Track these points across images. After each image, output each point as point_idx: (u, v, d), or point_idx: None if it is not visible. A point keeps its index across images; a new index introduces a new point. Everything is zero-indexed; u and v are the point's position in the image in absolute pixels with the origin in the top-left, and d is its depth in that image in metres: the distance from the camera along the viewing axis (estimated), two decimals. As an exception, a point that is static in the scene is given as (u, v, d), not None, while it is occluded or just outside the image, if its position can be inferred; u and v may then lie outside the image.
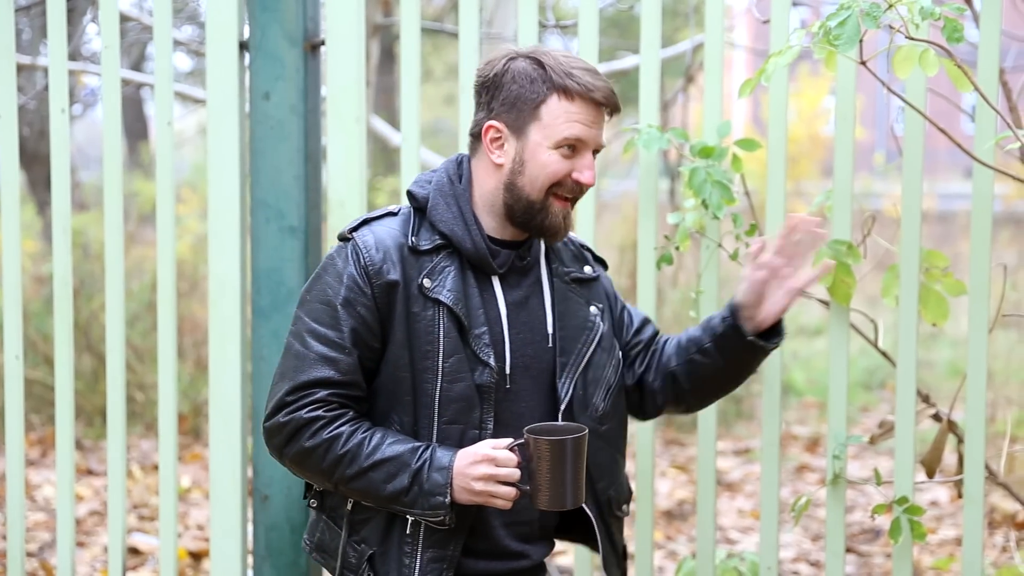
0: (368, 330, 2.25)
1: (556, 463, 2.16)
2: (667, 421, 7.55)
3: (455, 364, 2.25)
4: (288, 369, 2.27)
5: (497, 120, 2.29)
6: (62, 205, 3.47)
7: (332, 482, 2.26)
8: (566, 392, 2.34)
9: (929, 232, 12.00)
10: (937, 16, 2.46)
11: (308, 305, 2.29)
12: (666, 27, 9.24)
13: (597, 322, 2.42)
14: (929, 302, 3.00)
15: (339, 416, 2.24)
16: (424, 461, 2.21)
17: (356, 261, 2.26)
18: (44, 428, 7.04)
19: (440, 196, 2.33)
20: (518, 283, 2.36)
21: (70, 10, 4.06)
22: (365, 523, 2.31)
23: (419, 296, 2.25)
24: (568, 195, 2.30)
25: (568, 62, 2.27)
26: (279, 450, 2.28)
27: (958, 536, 5.38)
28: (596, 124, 2.28)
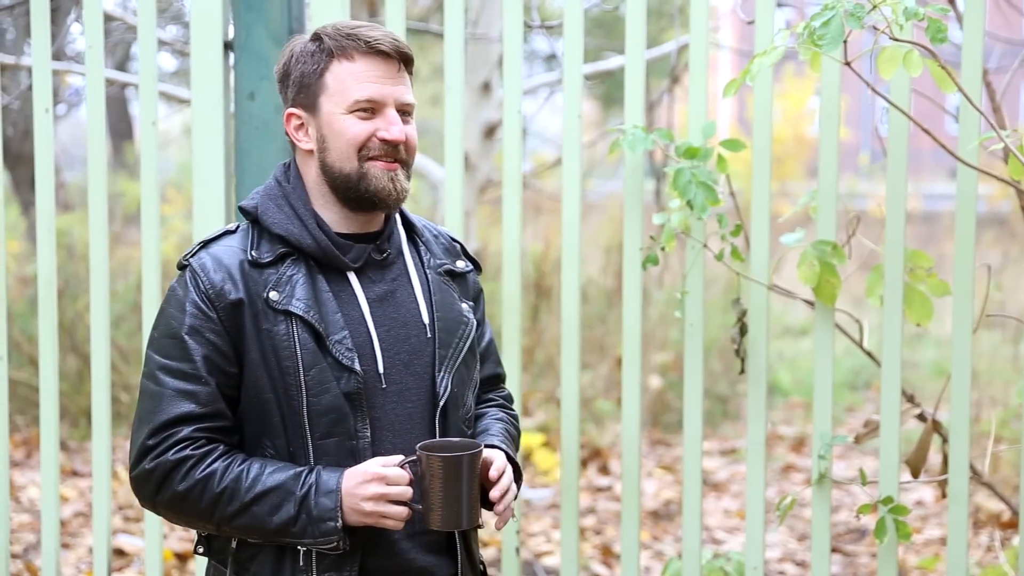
0: (221, 355, 2.12)
1: (450, 481, 2.06)
2: (653, 421, 7.56)
3: (317, 375, 2.12)
4: (145, 412, 2.12)
5: (294, 107, 2.22)
6: (46, 205, 3.46)
7: (214, 523, 2.11)
8: (445, 388, 2.21)
9: (913, 233, 12.04)
10: (921, 17, 2.47)
11: (156, 343, 2.15)
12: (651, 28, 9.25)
13: (470, 319, 2.30)
14: (914, 302, 3.01)
15: (209, 452, 2.10)
16: (310, 486, 2.08)
17: (196, 287, 2.13)
18: (29, 429, 7.02)
19: (269, 200, 2.21)
20: (380, 277, 2.23)
21: (54, 10, 4.05)
22: (252, 559, 2.16)
23: (267, 311, 2.12)
24: (383, 155, 2.17)
25: (346, 25, 2.18)
26: (151, 500, 2.12)
27: (943, 536, 5.40)
28: (389, 79, 2.16)
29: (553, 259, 8.08)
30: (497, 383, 2.46)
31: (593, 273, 8.65)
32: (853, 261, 3.13)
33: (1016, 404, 5.60)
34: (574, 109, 3.15)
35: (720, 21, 8.06)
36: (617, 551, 5.24)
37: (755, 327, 3.09)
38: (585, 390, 7.36)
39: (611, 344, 7.84)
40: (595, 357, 7.90)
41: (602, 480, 6.53)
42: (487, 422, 2.35)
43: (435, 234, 2.36)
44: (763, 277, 3.07)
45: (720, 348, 7.76)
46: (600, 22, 13.17)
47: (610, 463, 6.79)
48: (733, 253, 3.06)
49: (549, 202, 9.09)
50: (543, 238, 8.84)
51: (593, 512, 6.00)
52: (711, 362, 7.77)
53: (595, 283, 8.47)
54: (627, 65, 3.12)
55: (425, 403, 2.22)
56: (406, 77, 2.20)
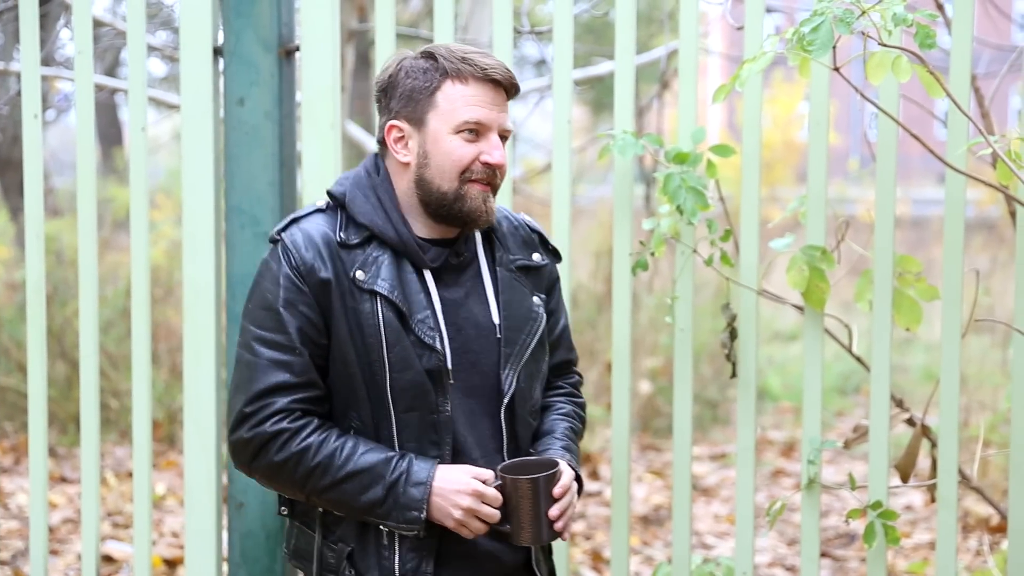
0: (313, 328, 2.22)
1: (537, 500, 2.18)
2: (643, 426, 7.56)
3: (400, 353, 2.22)
4: (242, 380, 2.24)
5: (397, 119, 2.27)
6: (35, 211, 3.45)
7: (304, 493, 2.24)
8: (509, 385, 2.31)
9: (902, 237, 12.06)
10: (910, 23, 2.48)
11: (251, 314, 2.26)
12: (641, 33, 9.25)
13: (540, 313, 2.38)
14: (903, 307, 3.01)
15: (305, 426, 2.22)
16: (401, 474, 2.20)
17: (288, 261, 2.24)
18: (17, 435, 7.00)
19: (358, 189, 2.30)
20: (454, 281, 2.32)
21: (43, 15, 4.04)
22: (339, 522, 2.29)
23: (354, 290, 2.23)
24: (481, 178, 2.25)
25: (460, 49, 2.25)
26: (247, 464, 2.26)
27: (932, 540, 5.40)
28: (496, 105, 2.25)
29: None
30: (568, 368, 2.55)
31: (583, 278, 8.65)
32: (842, 266, 3.13)
33: (1004, 409, 5.62)
34: (564, 114, 3.15)
35: (709, 26, 8.08)
36: (607, 556, 5.24)
37: (745, 332, 3.10)
38: (575, 395, 7.35)
39: (601, 349, 7.84)
40: (585, 362, 7.89)
41: (592, 485, 6.53)
42: (553, 419, 2.45)
43: (515, 225, 2.45)
44: (752, 282, 3.08)
45: (710, 353, 7.76)
46: (590, 28, 13.18)
47: (600, 468, 6.79)
48: (723, 258, 3.07)
49: (539, 207, 9.09)
50: (533, 243, 8.82)
51: (583, 517, 5.99)
52: (701, 367, 7.78)
53: (585, 288, 8.46)
54: (617, 70, 3.12)
55: (490, 399, 2.32)
56: (507, 105, 2.29)
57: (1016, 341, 2.93)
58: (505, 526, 2.21)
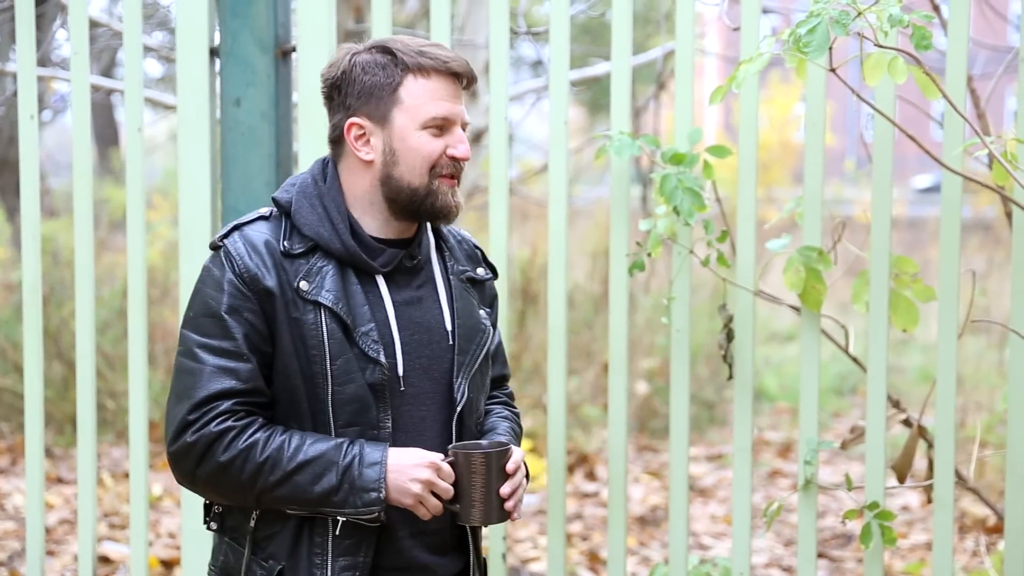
0: (259, 335, 2.16)
1: (488, 477, 2.15)
2: (640, 427, 7.56)
3: (343, 365, 2.17)
4: (185, 388, 2.15)
5: (357, 116, 2.21)
6: (31, 212, 3.45)
7: (255, 493, 2.15)
8: (462, 394, 2.26)
9: (899, 238, 12.07)
10: (906, 24, 2.48)
11: (192, 322, 2.19)
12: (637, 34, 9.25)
13: (487, 326, 2.35)
14: (899, 308, 3.02)
15: (250, 424, 2.15)
16: (353, 457, 2.13)
17: (232, 268, 2.17)
18: (14, 436, 7.00)
19: (304, 198, 2.23)
20: (408, 283, 2.27)
21: (39, 16, 4.04)
22: (271, 539, 2.21)
23: (297, 300, 2.17)
24: (449, 172, 2.22)
25: (415, 42, 2.22)
26: (190, 474, 2.16)
27: (929, 541, 5.41)
28: (457, 98, 2.22)
29: (540, 265, 8.08)
30: (502, 382, 2.52)
31: (580, 279, 8.65)
32: (839, 267, 3.13)
33: (1001, 409, 5.62)
34: (560, 115, 3.16)
35: (706, 27, 8.09)
36: (604, 557, 5.24)
37: (741, 333, 3.10)
38: (572, 396, 7.37)
39: (598, 350, 7.84)
40: (582, 363, 7.90)
41: (589, 486, 6.53)
42: (493, 420, 2.41)
43: (459, 239, 2.41)
44: (749, 283, 3.08)
45: (707, 354, 7.77)
46: (586, 28, 13.18)
47: (597, 469, 6.79)
48: (719, 259, 3.07)
49: (536, 208, 9.09)
50: (530, 244, 8.84)
51: (580, 518, 5.99)
52: (697, 368, 7.78)
53: (582, 289, 8.47)
54: (613, 71, 3.13)
55: (440, 407, 2.27)
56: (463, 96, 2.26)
57: (1012, 342, 2.93)
58: (455, 505, 2.17)
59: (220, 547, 2.29)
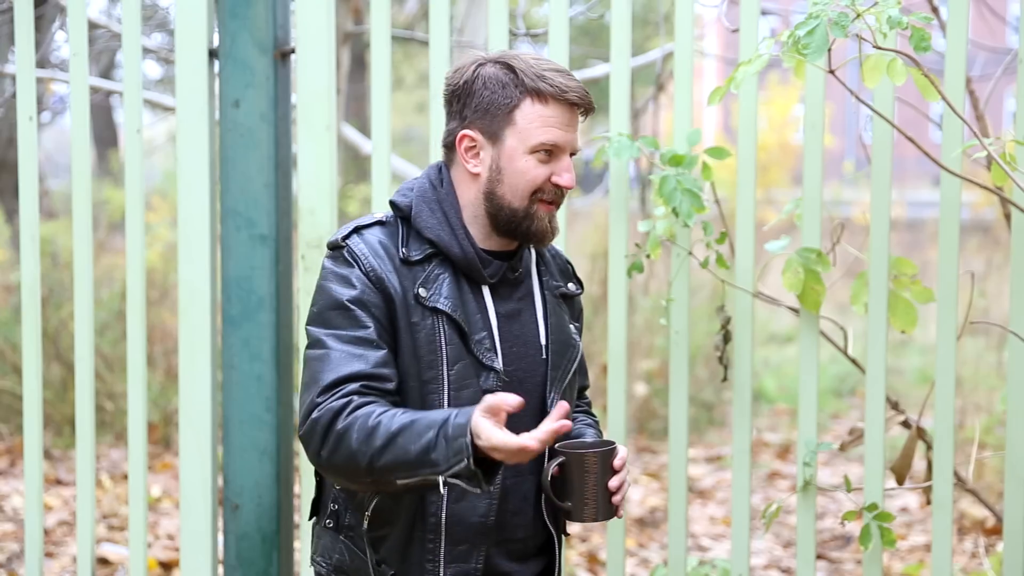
0: (384, 330, 2.19)
1: (602, 475, 2.18)
2: (639, 429, 7.56)
3: (461, 371, 2.21)
4: (315, 373, 2.17)
5: (471, 128, 2.24)
6: (30, 213, 3.45)
7: (366, 462, 2.10)
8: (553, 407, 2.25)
9: (898, 240, 12.07)
10: (904, 25, 2.48)
11: (319, 317, 2.21)
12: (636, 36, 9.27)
13: (578, 341, 2.39)
14: (898, 309, 3.02)
15: (371, 401, 2.14)
16: (450, 414, 2.08)
17: (359, 266, 2.20)
18: (12, 438, 6.99)
19: (423, 202, 2.27)
20: (509, 295, 2.31)
21: (38, 17, 4.04)
22: (383, 541, 2.26)
23: (416, 306, 2.20)
24: (550, 199, 2.25)
25: (539, 64, 2.23)
26: (316, 451, 2.15)
27: (928, 542, 5.41)
28: (571, 126, 2.24)
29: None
30: (582, 392, 2.56)
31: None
32: (838, 268, 3.13)
33: (1000, 411, 5.62)
34: (559, 117, 3.15)
35: (705, 29, 8.09)
36: (603, 558, 5.24)
37: (740, 334, 3.10)
38: (571, 397, 7.35)
39: (597, 351, 7.84)
40: (580, 364, 7.89)
41: (588, 487, 6.52)
42: (579, 427, 2.45)
43: (553, 254, 2.46)
44: (748, 284, 3.08)
45: (705, 355, 7.77)
46: (585, 30, 13.19)
47: (596, 470, 6.78)
48: (718, 260, 3.07)
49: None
50: (529, 245, 8.83)
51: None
52: (697, 369, 7.78)
53: (581, 290, 8.46)
54: (612, 73, 3.13)
55: (532, 419, 2.25)
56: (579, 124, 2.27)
57: (1011, 343, 2.93)
58: (567, 504, 2.20)
59: (335, 546, 2.31)
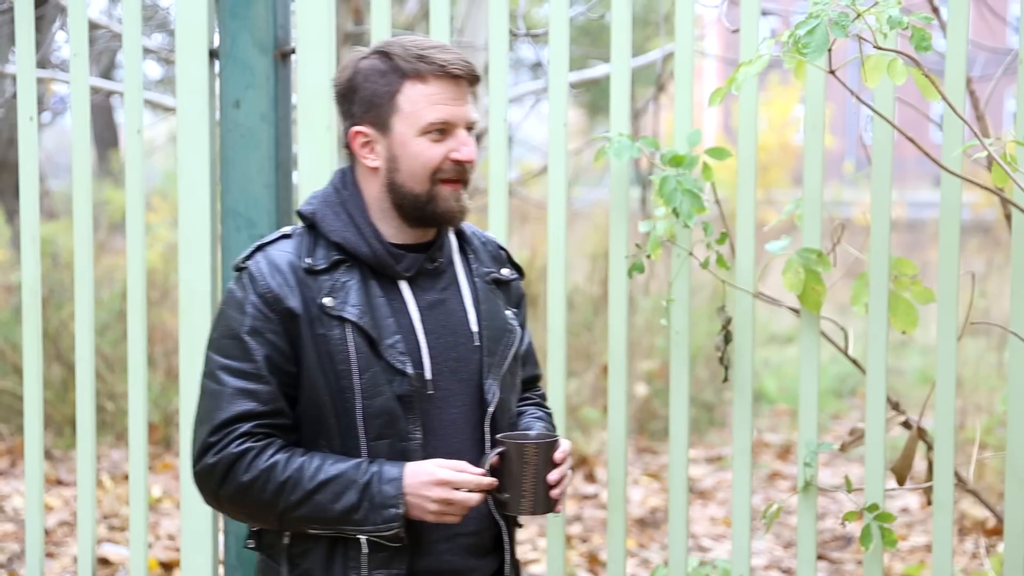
0: (281, 355, 2.19)
1: (541, 467, 2.17)
2: (639, 429, 7.56)
3: (371, 379, 2.19)
4: (207, 410, 2.19)
5: (361, 124, 2.23)
6: (31, 213, 3.45)
7: (277, 513, 2.17)
8: (493, 394, 2.28)
9: (898, 240, 12.07)
10: (905, 25, 2.48)
11: (216, 343, 2.23)
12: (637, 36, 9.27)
13: (515, 326, 2.36)
14: (898, 310, 3.02)
15: (270, 445, 2.17)
16: (372, 474, 2.15)
17: (255, 289, 2.19)
18: (13, 438, 6.99)
19: (327, 207, 2.26)
20: (431, 286, 2.29)
21: (39, 18, 4.04)
22: (305, 555, 2.23)
23: (322, 316, 2.19)
24: (453, 177, 2.23)
25: (415, 45, 2.21)
26: (214, 494, 2.20)
27: (928, 543, 5.41)
28: (459, 100, 2.21)
29: (539, 267, 8.08)
30: (535, 383, 2.54)
31: (579, 281, 8.65)
32: (838, 269, 3.13)
33: (1000, 411, 5.62)
34: (560, 117, 3.16)
35: (705, 29, 8.09)
36: (603, 559, 5.24)
37: (741, 335, 3.10)
38: (571, 398, 7.36)
39: (597, 352, 7.84)
40: (581, 365, 7.90)
41: (588, 488, 6.53)
42: (527, 420, 2.43)
43: (483, 241, 2.43)
44: (748, 285, 3.08)
45: (706, 356, 7.77)
46: (586, 30, 13.19)
47: (596, 471, 6.79)
48: (718, 261, 3.07)
49: (535, 210, 9.09)
50: (529, 246, 8.84)
51: (579, 520, 5.99)
52: (697, 370, 7.78)
53: (581, 291, 8.46)
54: (613, 73, 3.13)
55: (471, 409, 2.29)
56: (470, 95, 2.25)
57: (1012, 344, 2.93)
58: (504, 495, 2.19)
59: (259, 566, 2.32)
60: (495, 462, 2.19)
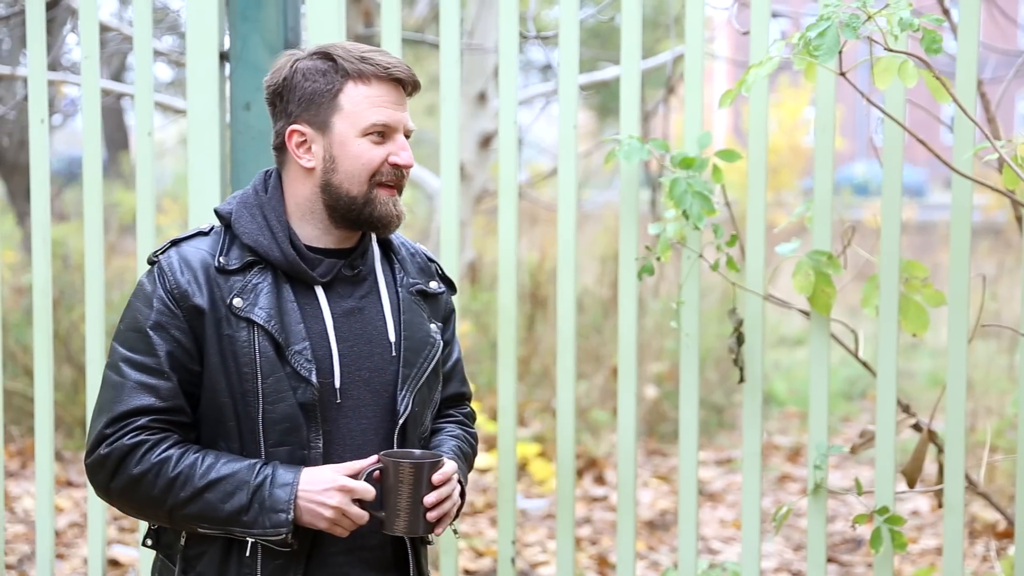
0: (185, 352, 2.15)
1: (417, 487, 2.12)
2: (649, 431, 7.55)
3: (274, 384, 2.15)
4: (106, 401, 2.16)
5: (298, 123, 2.20)
6: (42, 216, 3.46)
7: (166, 509, 2.13)
8: (405, 407, 2.24)
9: (909, 243, 12.05)
10: (916, 27, 2.48)
11: (121, 335, 2.18)
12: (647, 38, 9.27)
13: (437, 339, 2.31)
14: (909, 312, 3.01)
15: (164, 439, 2.14)
16: (265, 477, 2.12)
17: (162, 284, 2.16)
18: (24, 440, 7.01)
19: (244, 208, 2.23)
20: (349, 293, 2.25)
21: (50, 20, 4.05)
22: (200, 557, 2.19)
23: (230, 317, 2.15)
24: (390, 181, 2.20)
25: (357, 48, 2.20)
26: (104, 486, 2.16)
27: (939, 546, 5.39)
28: (400, 105, 2.20)
29: (549, 269, 8.09)
30: (461, 401, 2.48)
31: (589, 283, 8.65)
32: (848, 271, 3.13)
33: (1011, 414, 5.60)
34: (570, 119, 3.16)
35: (715, 31, 8.08)
36: (613, 561, 5.24)
37: (751, 337, 3.09)
38: (581, 400, 7.36)
39: (607, 354, 7.84)
40: (591, 367, 7.90)
41: (598, 490, 6.52)
42: (441, 438, 2.38)
43: (412, 252, 2.38)
44: (759, 287, 3.07)
45: (716, 358, 7.76)
46: (596, 32, 13.19)
47: (606, 473, 6.79)
48: (729, 263, 3.06)
49: (545, 212, 9.10)
50: (539, 248, 8.85)
51: (589, 522, 5.99)
52: (707, 372, 7.77)
53: (591, 293, 8.46)
54: (622, 75, 3.13)
55: (382, 420, 2.24)
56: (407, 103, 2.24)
57: (1023, 346, 2.93)
58: (380, 513, 2.14)
59: (155, 564, 2.28)
60: (375, 478, 2.14)
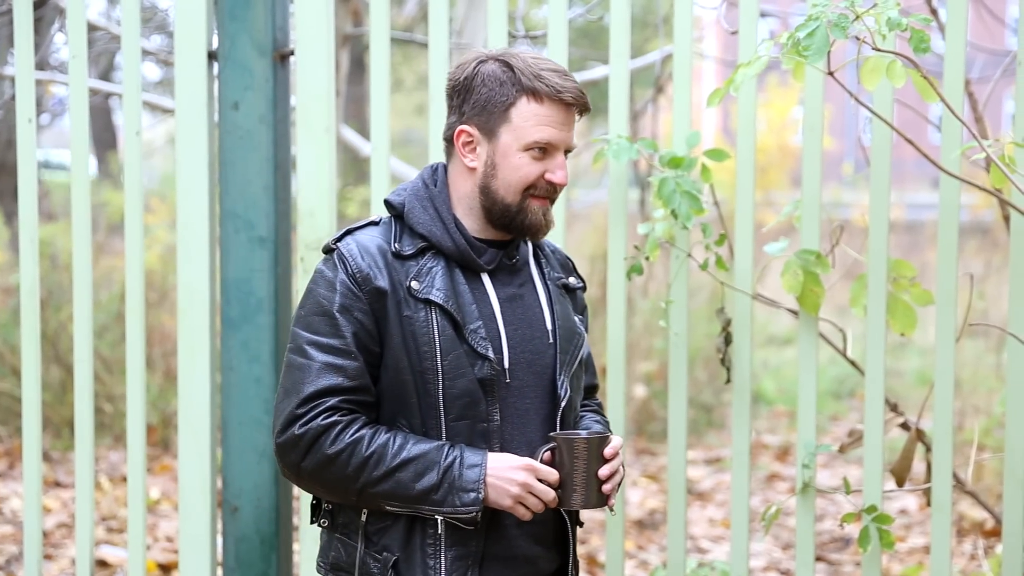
0: (368, 335, 2.25)
1: (589, 462, 2.22)
2: (638, 431, 7.56)
3: (454, 361, 2.26)
4: (294, 383, 2.25)
5: (468, 124, 2.30)
6: (29, 215, 3.45)
7: (357, 487, 2.23)
8: (565, 390, 2.35)
9: (897, 242, 12.07)
10: (904, 27, 2.48)
11: (304, 320, 2.28)
12: (635, 38, 9.27)
13: (583, 331, 2.44)
14: (897, 312, 3.02)
15: (355, 419, 2.24)
16: (454, 458, 2.22)
17: (344, 269, 2.26)
18: (11, 440, 6.99)
19: (416, 200, 2.34)
20: (509, 281, 2.36)
21: (37, 19, 4.04)
22: (384, 532, 2.29)
23: (409, 299, 2.26)
24: (543, 195, 2.32)
25: (537, 64, 2.28)
26: (296, 465, 2.25)
27: (927, 544, 5.41)
28: (566, 125, 2.30)
29: (538, 269, 8.08)
30: (593, 392, 2.60)
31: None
32: (837, 270, 3.13)
33: (999, 413, 5.62)
34: (558, 119, 3.15)
35: (704, 31, 8.10)
36: (602, 560, 5.24)
37: (739, 336, 3.10)
38: (570, 399, 7.36)
39: (596, 353, 7.83)
40: (580, 366, 7.88)
41: (587, 489, 6.51)
42: (587, 423, 2.50)
43: (552, 250, 2.52)
44: (747, 286, 3.08)
45: (705, 357, 7.77)
46: (585, 32, 13.19)
47: (595, 472, 6.77)
48: (717, 262, 3.07)
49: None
50: (528, 247, 8.83)
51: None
52: (696, 371, 7.78)
53: (580, 292, 8.46)
54: (611, 75, 3.13)
55: (543, 401, 2.36)
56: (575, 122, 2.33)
57: (1010, 345, 2.94)
58: (557, 490, 2.24)
59: (331, 543, 2.36)
60: (547, 458, 2.25)
